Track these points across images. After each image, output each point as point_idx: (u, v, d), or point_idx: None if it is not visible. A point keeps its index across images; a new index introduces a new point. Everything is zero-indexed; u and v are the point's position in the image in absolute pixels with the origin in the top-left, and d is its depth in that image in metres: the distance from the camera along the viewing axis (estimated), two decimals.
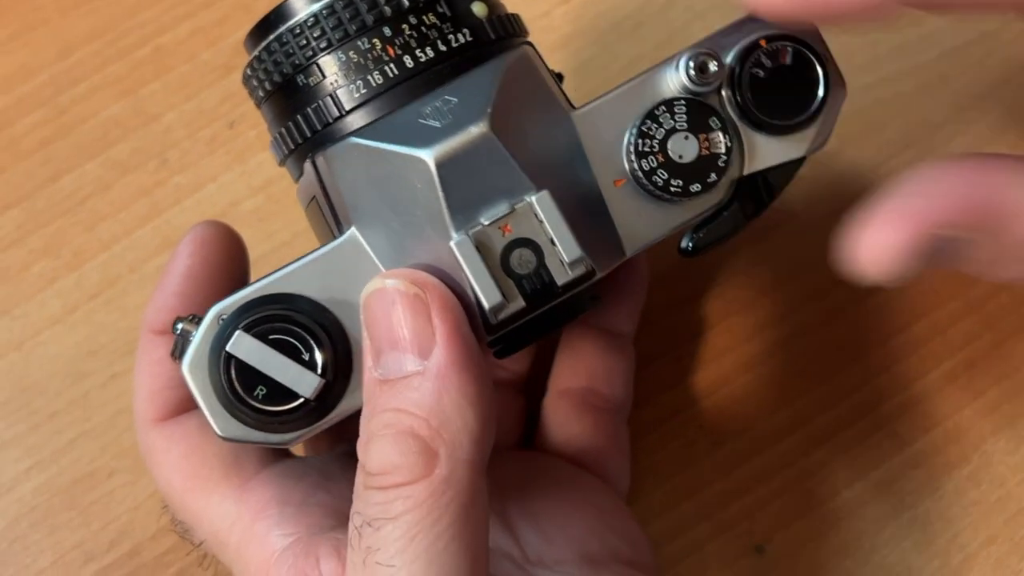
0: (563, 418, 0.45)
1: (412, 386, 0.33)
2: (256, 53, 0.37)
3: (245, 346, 0.34)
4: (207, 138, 0.52)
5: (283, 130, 0.37)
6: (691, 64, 0.36)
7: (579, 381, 0.45)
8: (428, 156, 0.34)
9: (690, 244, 0.37)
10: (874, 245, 0.32)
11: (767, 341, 0.50)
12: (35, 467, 0.48)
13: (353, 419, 0.35)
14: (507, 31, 0.37)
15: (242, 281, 0.41)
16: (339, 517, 0.37)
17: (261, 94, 0.38)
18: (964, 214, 0.32)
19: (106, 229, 0.51)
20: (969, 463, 0.48)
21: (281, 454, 0.40)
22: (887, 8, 0.33)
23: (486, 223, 0.34)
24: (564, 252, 0.34)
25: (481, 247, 0.34)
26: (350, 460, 0.38)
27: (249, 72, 0.38)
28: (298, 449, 0.43)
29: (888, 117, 0.51)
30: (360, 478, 0.33)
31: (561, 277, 0.34)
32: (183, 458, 0.38)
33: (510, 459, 0.43)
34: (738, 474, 0.48)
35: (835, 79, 0.37)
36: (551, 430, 0.45)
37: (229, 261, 0.40)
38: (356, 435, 0.34)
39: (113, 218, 0.51)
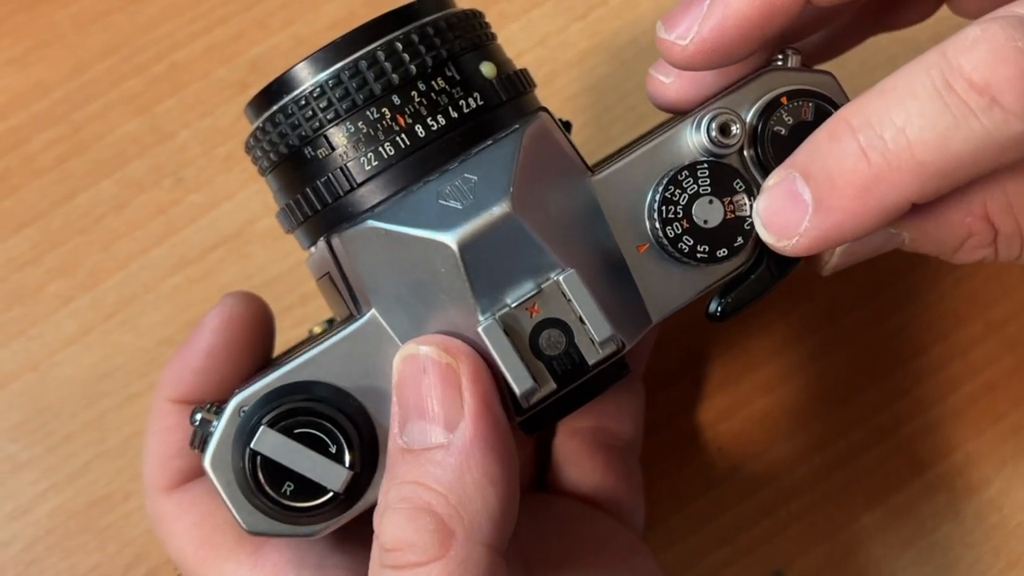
0: (574, 457, 0.44)
1: (435, 459, 0.31)
2: (259, 124, 0.36)
3: (270, 442, 0.33)
4: (222, 156, 0.52)
5: (291, 202, 0.36)
6: (712, 126, 0.35)
7: (588, 420, 0.45)
8: (451, 240, 0.33)
9: (718, 309, 0.36)
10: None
11: (785, 363, 0.49)
12: (51, 489, 0.48)
13: None
14: (517, 90, 0.36)
15: (266, 357, 0.40)
16: None
17: (266, 164, 0.37)
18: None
19: (122, 248, 0.51)
20: (990, 487, 0.48)
21: None
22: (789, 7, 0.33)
23: (513, 304, 0.33)
24: (595, 331, 0.33)
25: (509, 330, 0.33)
26: (366, 515, 0.37)
27: (252, 142, 0.37)
28: None
29: None
30: (375, 551, 0.32)
31: (592, 356, 0.33)
32: (195, 526, 0.37)
33: (525, 503, 0.42)
34: (757, 498, 0.48)
35: None
36: (563, 469, 0.44)
37: (255, 340, 0.39)
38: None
39: (129, 237, 0.51)
